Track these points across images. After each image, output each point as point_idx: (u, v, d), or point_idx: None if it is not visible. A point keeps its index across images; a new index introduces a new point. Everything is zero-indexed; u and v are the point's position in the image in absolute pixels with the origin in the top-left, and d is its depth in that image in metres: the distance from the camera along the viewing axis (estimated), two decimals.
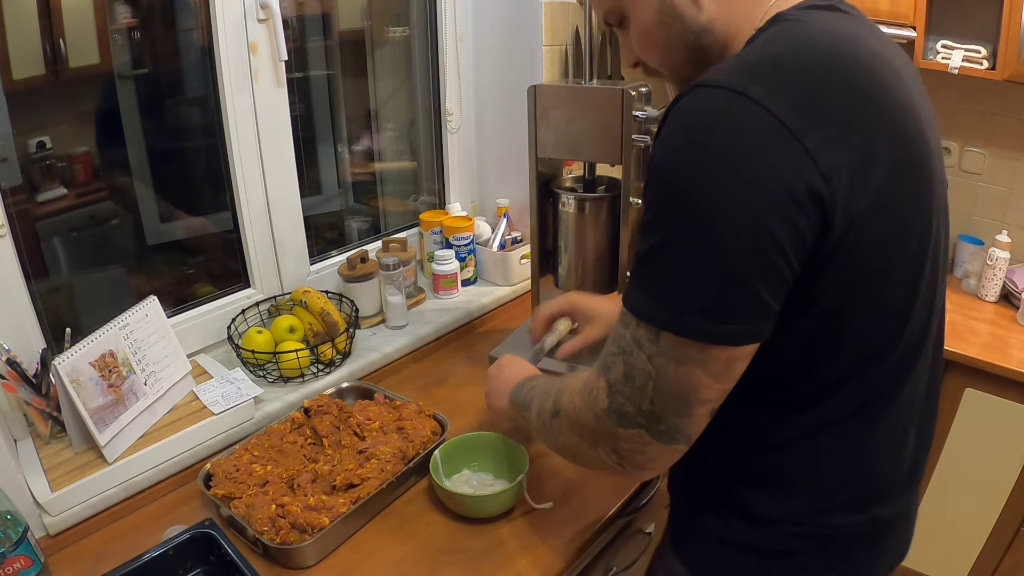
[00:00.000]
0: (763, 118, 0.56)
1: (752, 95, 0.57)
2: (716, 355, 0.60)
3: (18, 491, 0.90)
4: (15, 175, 1.11)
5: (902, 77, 0.67)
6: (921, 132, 0.66)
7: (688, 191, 0.58)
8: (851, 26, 0.67)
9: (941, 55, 1.67)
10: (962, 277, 1.91)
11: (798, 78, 0.59)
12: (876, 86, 0.62)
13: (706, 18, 0.69)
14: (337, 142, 1.69)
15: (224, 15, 1.19)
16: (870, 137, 0.60)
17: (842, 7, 0.69)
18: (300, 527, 0.91)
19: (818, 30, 0.64)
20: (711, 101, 0.59)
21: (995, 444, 1.60)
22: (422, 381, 1.35)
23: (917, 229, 0.66)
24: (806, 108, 0.57)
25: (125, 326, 1.07)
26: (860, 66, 0.62)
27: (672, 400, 0.62)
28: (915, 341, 0.71)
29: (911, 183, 0.64)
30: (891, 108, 0.63)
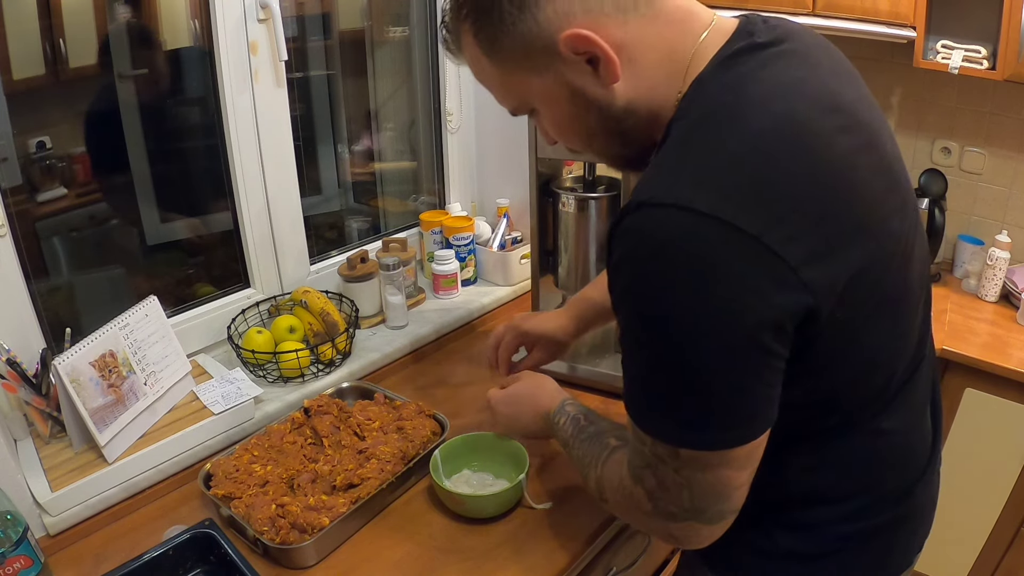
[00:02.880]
0: (728, 238, 0.53)
1: (709, 211, 0.53)
2: (736, 454, 0.60)
3: (18, 491, 0.90)
4: (15, 175, 1.11)
5: (846, 109, 0.63)
6: (880, 162, 0.64)
7: (667, 322, 0.57)
8: (780, 69, 0.62)
9: (941, 55, 1.66)
10: (962, 277, 1.90)
11: (748, 178, 0.55)
12: (823, 148, 0.58)
13: (624, 100, 0.65)
14: (337, 142, 1.69)
15: (224, 15, 1.19)
16: (831, 212, 0.57)
17: (761, 38, 0.63)
18: (300, 527, 0.91)
19: (749, 98, 0.59)
20: (665, 226, 0.55)
21: (995, 444, 1.60)
22: (422, 381, 1.35)
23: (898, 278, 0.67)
24: (766, 212, 0.54)
25: (125, 326, 1.07)
26: (804, 132, 0.58)
27: (709, 497, 0.63)
28: (918, 346, 0.73)
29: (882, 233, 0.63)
30: (843, 164, 0.59)
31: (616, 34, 0.62)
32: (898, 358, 0.70)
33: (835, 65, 0.68)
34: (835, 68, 0.68)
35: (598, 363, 1.28)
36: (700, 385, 0.58)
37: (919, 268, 0.70)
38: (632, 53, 0.63)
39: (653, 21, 0.63)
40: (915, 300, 0.70)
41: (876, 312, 0.64)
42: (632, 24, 0.62)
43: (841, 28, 1.70)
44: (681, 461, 0.61)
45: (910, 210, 0.69)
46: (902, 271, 0.66)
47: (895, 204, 0.65)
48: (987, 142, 1.88)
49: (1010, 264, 1.76)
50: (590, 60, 0.63)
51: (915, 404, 0.75)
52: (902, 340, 0.69)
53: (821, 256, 0.56)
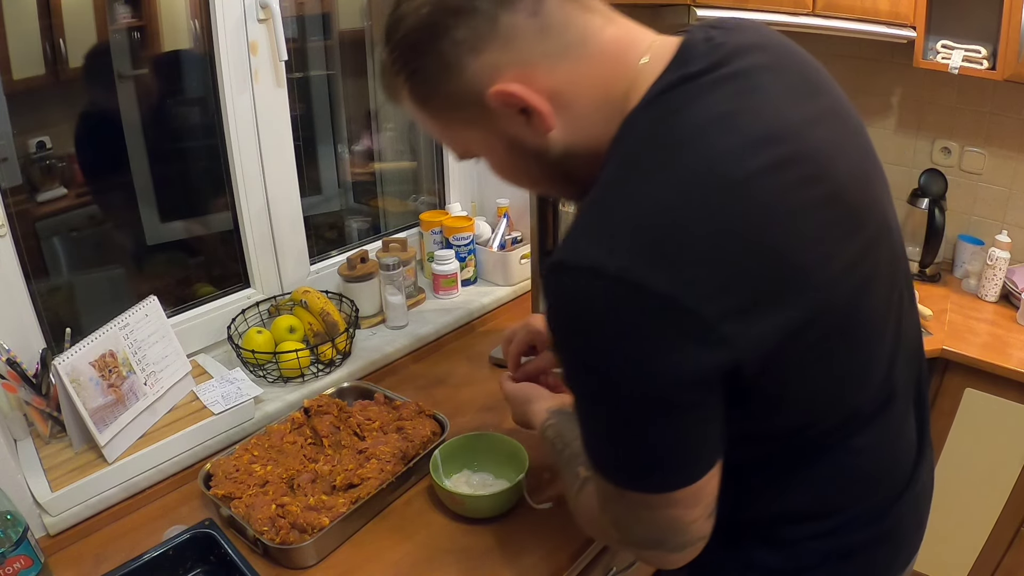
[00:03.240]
0: (637, 299, 0.52)
1: (618, 273, 0.52)
2: (679, 496, 0.61)
3: (18, 491, 0.90)
4: (15, 175, 1.11)
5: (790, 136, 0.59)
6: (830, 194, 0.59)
7: (590, 378, 0.58)
8: (708, 103, 0.58)
9: (941, 55, 1.66)
10: (962, 277, 1.90)
11: (659, 236, 0.53)
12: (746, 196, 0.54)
13: (561, 146, 0.64)
14: (337, 142, 1.69)
15: (224, 15, 1.19)
16: (756, 264, 0.54)
17: (697, 65, 0.60)
18: (300, 527, 0.91)
19: (666, 146, 0.57)
20: (576, 290, 0.54)
21: (995, 444, 1.60)
22: (422, 381, 1.35)
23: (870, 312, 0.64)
24: (677, 270, 0.52)
25: (125, 326, 1.07)
26: (723, 180, 0.54)
27: (664, 532, 0.64)
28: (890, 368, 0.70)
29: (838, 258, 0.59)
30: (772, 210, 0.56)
31: (547, 82, 0.61)
32: (863, 385, 0.67)
33: (791, 79, 0.63)
34: (790, 83, 0.63)
35: None
36: (628, 437, 0.59)
37: (885, 292, 0.66)
38: (566, 98, 0.62)
39: (586, 62, 0.61)
40: (880, 326, 0.66)
41: (828, 353, 0.61)
42: (563, 69, 0.61)
43: (841, 28, 1.70)
44: (628, 500, 0.63)
45: (873, 231, 0.64)
46: (861, 304, 0.62)
47: (846, 233, 0.60)
48: (987, 142, 1.88)
49: (1010, 264, 1.76)
50: (523, 110, 0.62)
51: (891, 422, 0.72)
52: (866, 368, 0.66)
53: (745, 311, 0.54)
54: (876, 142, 0.71)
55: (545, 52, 0.60)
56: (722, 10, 1.71)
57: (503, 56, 0.60)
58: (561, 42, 0.60)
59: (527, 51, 0.60)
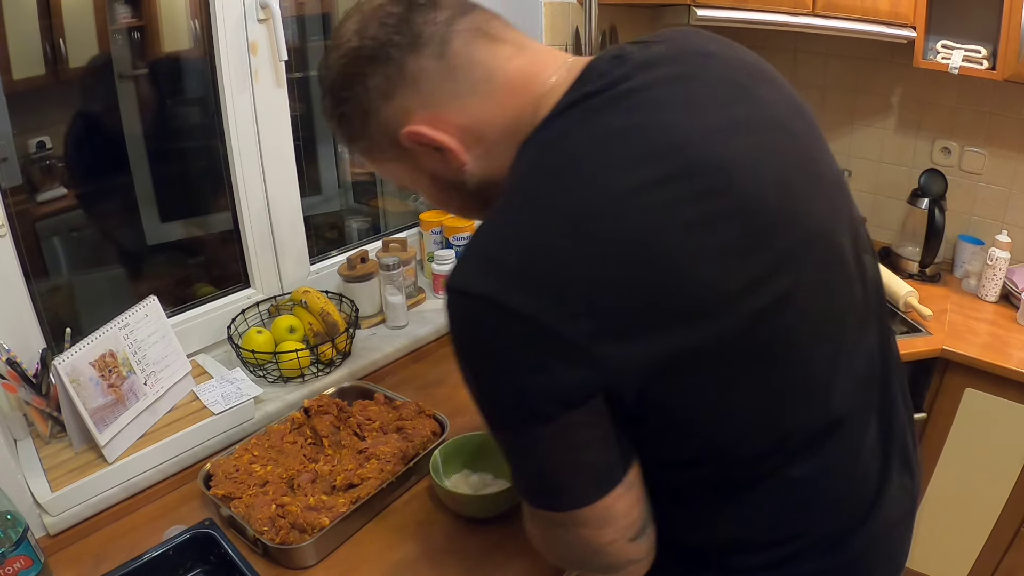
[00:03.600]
0: (503, 319, 0.54)
1: (486, 295, 0.54)
2: (583, 516, 0.61)
3: (18, 491, 0.90)
4: (15, 175, 1.11)
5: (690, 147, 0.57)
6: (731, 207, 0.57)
7: (484, 403, 0.60)
8: (597, 123, 0.59)
9: (941, 55, 1.66)
10: (962, 277, 1.90)
11: (529, 260, 0.55)
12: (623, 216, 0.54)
13: (477, 178, 0.67)
14: (337, 142, 1.69)
15: (224, 15, 1.19)
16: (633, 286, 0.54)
17: (594, 84, 0.61)
18: (300, 527, 0.91)
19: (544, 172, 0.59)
20: (454, 311, 0.57)
21: (995, 444, 1.60)
22: (422, 381, 1.35)
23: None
24: (544, 291, 0.53)
25: (125, 326, 1.07)
26: (598, 202, 0.55)
27: (581, 553, 0.64)
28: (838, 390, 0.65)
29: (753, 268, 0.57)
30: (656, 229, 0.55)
31: (456, 120, 0.64)
32: (790, 410, 0.63)
33: (707, 88, 0.63)
34: (705, 93, 0.62)
35: None
36: (520, 455, 0.61)
37: (814, 310, 0.62)
38: (477, 133, 0.65)
39: (493, 96, 0.64)
40: (806, 347, 0.62)
41: (734, 377, 0.59)
42: (472, 106, 0.64)
43: (841, 28, 1.70)
44: (540, 519, 0.65)
45: (792, 244, 0.60)
46: (773, 325, 0.59)
47: (750, 249, 0.57)
48: (987, 142, 1.88)
49: (1010, 264, 1.76)
50: (436, 148, 0.65)
51: (840, 449, 0.67)
52: (792, 392, 0.62)
53: (618, 332, 0.54)
54: (876, 142, 0.69)
55: (453, 92, 0.63)
56: (722, 10, 1.71)
57: (413, 99, 0.64)
58: (467, 81, 0.63)
59: (435, 93, 0.63)
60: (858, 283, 0.68)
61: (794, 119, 0.67)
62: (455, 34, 0.63)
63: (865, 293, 0.70)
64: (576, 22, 1.64)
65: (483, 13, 0.67)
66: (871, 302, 0.71)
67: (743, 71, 0.67)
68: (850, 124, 2.10)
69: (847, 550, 0.69)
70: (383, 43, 0.63)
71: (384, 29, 0.63)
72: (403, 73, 0.63)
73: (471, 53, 0.64)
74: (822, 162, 0.68)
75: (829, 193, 0.67)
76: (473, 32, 0.64)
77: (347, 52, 0.65)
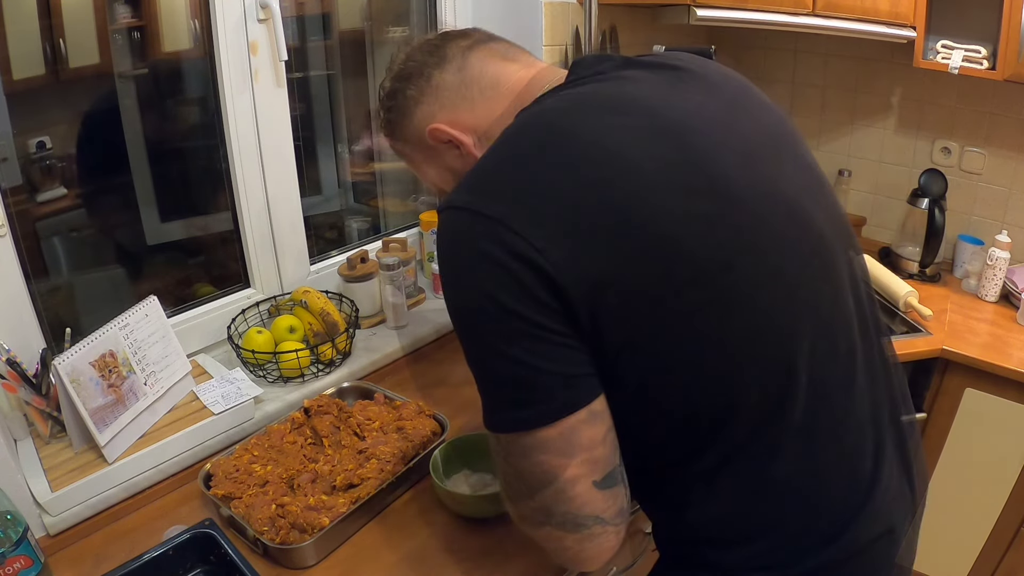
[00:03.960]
0: (474, 222, 0.63)
1: (463, 205, 0.64)
2: (545, 435, 0.63)
3: (18, 491, 0.90)
4: (15, 175, 1.11)
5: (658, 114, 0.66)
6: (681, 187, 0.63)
7: (452, 307, 0.67)
8: (570, 93, 0.70)
9: (941, 55, 1.67)
10: (962, 277, 1.91)
11: (502, 178, 0.65)
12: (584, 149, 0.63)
13: None
14: (337, 142, 1.69)
15: (224, 15, 1.19)
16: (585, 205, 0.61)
17: (571, 77, 0.73)
18: (300, 527, 0.91)
19: (522, 120, 0.70)
20: (442, 224, 0.67)
21: (995, 444, 1.60)
22: (422, 381, 1.35)
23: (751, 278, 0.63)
24: (510, 201, 0.62)
25: (125, 326, 1.07)
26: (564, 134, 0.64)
27: (544, 490, 0.65)
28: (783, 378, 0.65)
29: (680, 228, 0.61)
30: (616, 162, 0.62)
31: (468, 120, 0.79)
32: (745, 374, 0.64)
33: (668, 84, 0.71)
34: (684, 89, 0.71)
35: None
36: (486, 365, 0.66)
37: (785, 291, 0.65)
38: (487, 131, 0.78)
39: (498, 100, 0.78)
40: (779, 322, 0.64)
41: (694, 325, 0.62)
42: (480, 108, 0.79)
43: (841, 28, 1.70)
44: (502, 447, 0.67)
45: (756, 221, 0.64)
46: (735, 278, 0.62)
47: (699, 198, 0.62)
48: (987, 142, 1.88)
49: (1010, 264, 1.76)
50: (455, 145, 0.80)
51: (822, 440, 0.67)
52: (742, 352, 0.64)
53: (567, 236, 0.60)
54: (876, 142, 0.71)
55: (466, 98, 0.79)
56: (722, 10, 1.71)
57: (435, 104, 0.80)
58: (478, 88, 0.79)
59: (452, 99, 0.80)
60: (848, 291, 0.72)
61: (757, 110, 0.75)
62: (474, 54, 0.80)
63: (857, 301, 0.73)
64: (576, 22, 1.64)
65: (504, 42, 0.84)
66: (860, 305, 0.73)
67: (719, 74, 0.77)
68: (850, 124, 2.10)
69: (839, 552, 0.68)
70: (421, 64, 0.81)
71: (423, 54, 0.82)
72: (430, 84, 0.80)
73: (483, 68, 0.79)
74: (791, 144, 0.75)
75: (796, 170, 0.72)
76: (489, 52, 0.81)
77: (396, 72, 0.84)
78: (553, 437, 0.63)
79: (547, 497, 0.65)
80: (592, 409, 0.64)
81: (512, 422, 0.65)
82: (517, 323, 0.61)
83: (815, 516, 0.68)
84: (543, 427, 0.63)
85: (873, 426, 0.71)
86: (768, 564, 0.68)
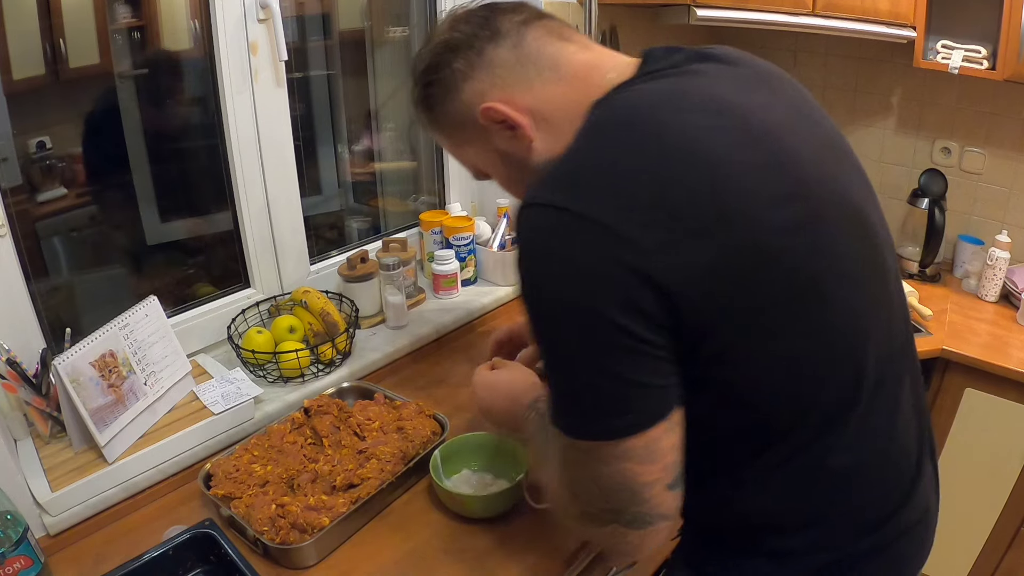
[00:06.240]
0: (578, 227, 0.59)
1: (563, 205, 0.60)
2: (630, 446, 0.63)
3: (18, 491, 0.89)
4: (15, 175, 1.11)
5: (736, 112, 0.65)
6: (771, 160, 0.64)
7: (541, 313, 0.63)
8: (656, 86, 0.68)
9: (941, 55, 1.67)
10: (962, 277, 1.91)
11: (601, 175, 0.61)
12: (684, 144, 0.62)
13: (543, 156, 0.74)
14: (337, 142, 1.69)
15: (224, 15, 1.19)
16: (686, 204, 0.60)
17: (650, 67, 0.70)
18: (300, 527, 0.91)
19: (614, 111, 0.66)
20: (531, 222, 0.62)
21: (995, 444, 1.60)
22: (422, 381, 1.35)
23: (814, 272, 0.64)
24: (615, 203, 0.59)
25: (125, 326, 1.07)
26: (661, 131, 0.63)
27: (620, 494, 0.65)
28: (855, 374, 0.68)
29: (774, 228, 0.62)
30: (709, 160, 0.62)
31: (525, 101, 0.73)
32: (835, 370, 0.66)
33: (754, 82, 0.72)
34: (751, 85, 0.71)
35: None
36: (577, 373, 0.63)
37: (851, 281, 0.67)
38: (543, 114, 0.73)
39: (558, 82, 0.73)
40: (844, 312, 0.66)
41: (776, 313, 0.63)
42: (539, 90, 0.73)
43: (841, 28, 1.70)
44: (582, 453, 0.65)
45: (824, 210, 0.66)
46: (814, 274, 0.64)
47: (785, 197, 0.63)
48: (987, 142, 1.88)
49: (1010, 264, 1.76)
50: (509, 127, 0.74)
51: (878, 431, 0.71)
52: (835, 351, 0.66)
53: (674, 242, 0.59)
54: (876, 142, 0.73)
55: (523, 77, 0.73)
56: (722, 10, 1.71)
57: (488, 81, 0.74)
58: (536, 68, 0.73)
59: (508, 77, 0.73)
60: (890, 267, 0.74)
61: (816, 113, 0.75)
62: (529, 32, 0.74)
63: (896, 280, 0.75)
64: (576, 22, 1.64)
65: (556, 20, 0.78)
66: (899, 285, 0.76)
67: (793, 91, 0.76)
68: (850, 124, 2.10)
69: (889, 535, 0.72)
70: (469, 36, 0.75)
71: (471, 25, 0.75)
72: (482, 58, 0.74)
73: (541, 47, 0.74)
74: (848, 150, 0.75)
75: (863, 183, 0.74)
76: (545, 31, 0.75)
77: (439, 43, 0.77)
78: (639, 447, 0.63)
79: (622, 500, 0.65)
80: (673, 418, 0.64)
81: (599, 432, 0.63)
82: (621, 338, 0.60)
83: (869, 503, 0.72)
84: (631, 437, 0.62)
85: (916, 417, 0.76)
86: (824, 547, 0.71)
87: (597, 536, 0.71)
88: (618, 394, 0.62)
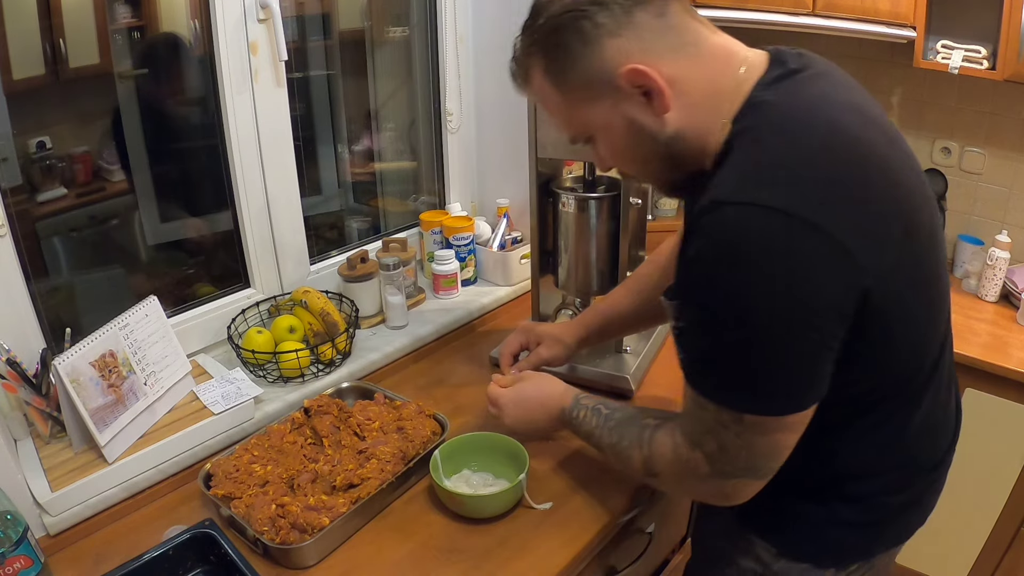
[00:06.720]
0: (795, 229, 0.61)
1: (779, 207, 0.62)
2: (791, 420, 0.70)
3: (18, 491, 0.90)
4: (15, 175, 1.11)
5: (869, 115, 0.73)
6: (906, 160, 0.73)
7: (741, 307, 0.65)
8: (816, 87, 0.72)
9: (941, 55, 1.67)
10: (962, 277, 1.91)
11: (810, 177, 0.64)
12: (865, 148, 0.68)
13: (673, 129, 0.73)
14: (337, 142, 1.69)
15: (224, 15, 1.19)
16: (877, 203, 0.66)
17: (793, 64, 0.73)
18: (300, 527, 0.91)
19: (799, 111, 0.69)
20: (741, 222, 0.63)
21: (995, 444, 1.60)
22: (422, 381, 1.35)
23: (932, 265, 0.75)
24: (827, 205, 0.63)
25: (125, 326, 1.07)
26: (850, 137, 0.68)
27: (765, 457, 0.73)
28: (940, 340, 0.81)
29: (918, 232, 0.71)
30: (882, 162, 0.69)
31: (668, 70, 0.71)
32: (933, 339, 0.78)
33: (849, 83, 0.78)
34: (850, 85, 0.77)
35: (599, 363, 1.28)
36: (770, 362, 0.67)
37: (942, 254, 0.79)
38: (682, 87, 0.72)
39: (698, 59, 0.72)
40: (944, 284, 0.79)
41: (915, 294, 0.72)
42: (682, 62, 0.72)
43: (841, 28, 1.70)
44: (743, 426, 0.70)
45: (932, 200, 0.76)
46: (933, 254, 0.74)
47: (923, 195, 0.73)
48: (987, 142, 1.88)
49: (1010, 264, 1.76)
50: (645, 92, 0.72)
51: (942, 382, 0.82)
52: (935, 322, 0.78)
53: (872, 243, 0.64)
54: None
55: (668, 46, 0.71)
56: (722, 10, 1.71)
57: (634, 43, 0.71)
58: (680, 40, 0.72)
59: (653, 43, 0.71)
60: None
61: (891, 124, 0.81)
62: (672, 3, 0.72)
63: None
64: None
65: None
66: None
67: (846, 74, 0.81)
68: None
69: (936, 473, 0.86)
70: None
71: None
72: (630, 18, 0.70)
73: (683, 21, 0.73)
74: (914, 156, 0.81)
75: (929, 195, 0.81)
76: (683, 6, 0.74)
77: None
78: (797, 421, 0.70)
79: (764, 461, 0.73)
80: None
81: (772, 407, 0.69)
82: (826, 339, 0.66)
83: (931, 451, 0.84)
84: (799, 412, 0.69)
85: (952, 379, 0.88)
86: (893, 489, 0.82)
87: (716, 488, 0.77)
88: (801, 379, 0.68)
